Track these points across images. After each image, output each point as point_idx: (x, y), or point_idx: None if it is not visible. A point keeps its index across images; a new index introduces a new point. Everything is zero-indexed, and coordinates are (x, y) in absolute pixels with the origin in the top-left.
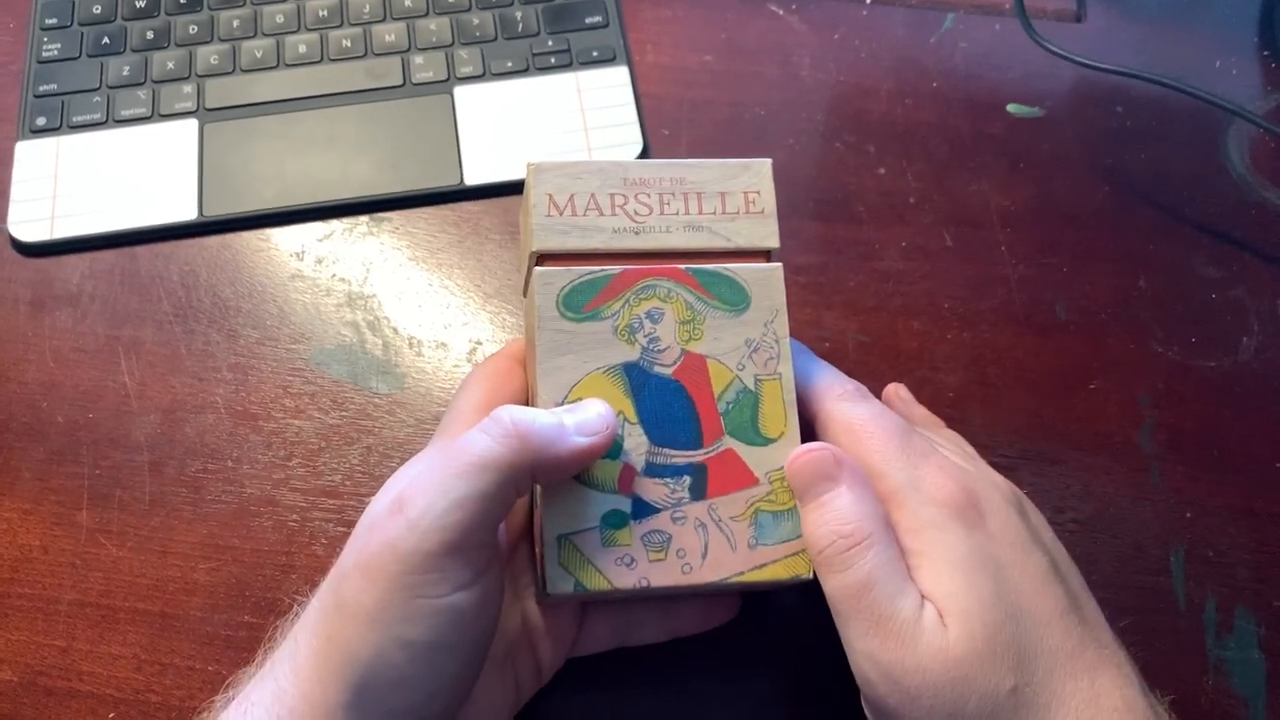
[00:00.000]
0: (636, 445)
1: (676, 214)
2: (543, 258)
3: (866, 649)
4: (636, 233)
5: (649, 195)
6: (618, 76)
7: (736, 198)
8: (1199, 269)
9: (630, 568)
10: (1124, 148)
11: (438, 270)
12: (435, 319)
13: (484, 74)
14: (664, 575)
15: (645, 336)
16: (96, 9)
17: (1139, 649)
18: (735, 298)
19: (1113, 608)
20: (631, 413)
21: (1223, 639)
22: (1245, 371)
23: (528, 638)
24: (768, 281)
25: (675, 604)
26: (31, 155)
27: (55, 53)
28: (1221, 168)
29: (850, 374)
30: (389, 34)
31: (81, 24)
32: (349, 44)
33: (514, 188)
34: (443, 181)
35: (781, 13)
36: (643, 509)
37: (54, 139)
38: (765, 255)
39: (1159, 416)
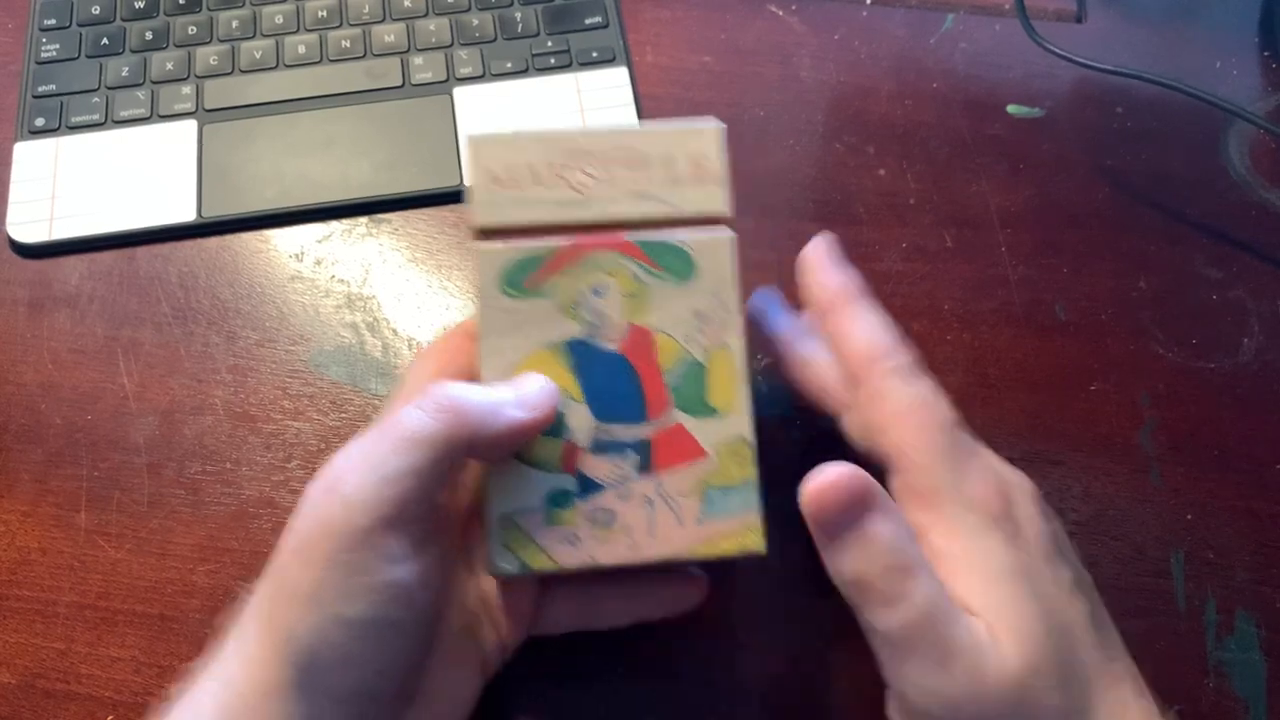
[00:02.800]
0: (581, 423)
1: (622, 182)
2: (485, 233)
3: (932, 685)
4: (581, 203)
5: (593, 164)
6: (617, 77)
7: (685, 163)
8: (1199, 269)
9: (575, 546)
10: (1124, 148)
11: (437, 271)
12: (435, 320)
13: (483, 75)
14: (610, 553)
15: (589, 312)
16: (95, 10)
17: (1139, 651)
18: (682, 268)
19: (1113, 610)
20: (576, 390)
21: (1223, 640)
22: (1245, 372)
23: (487, 613)
24: (716, 250)
25: (638, 588)
26: (30, 156)
27: (54, 53)
28: (1222, 168)
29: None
30: (388, 35)
31: (80, 25)
32: (348, 45)
33: None
34: (442, 183)
35: (781, 13)
36: (588, 486)
37: (53, 140)
38: (717, 222)
39: (1159, 417)
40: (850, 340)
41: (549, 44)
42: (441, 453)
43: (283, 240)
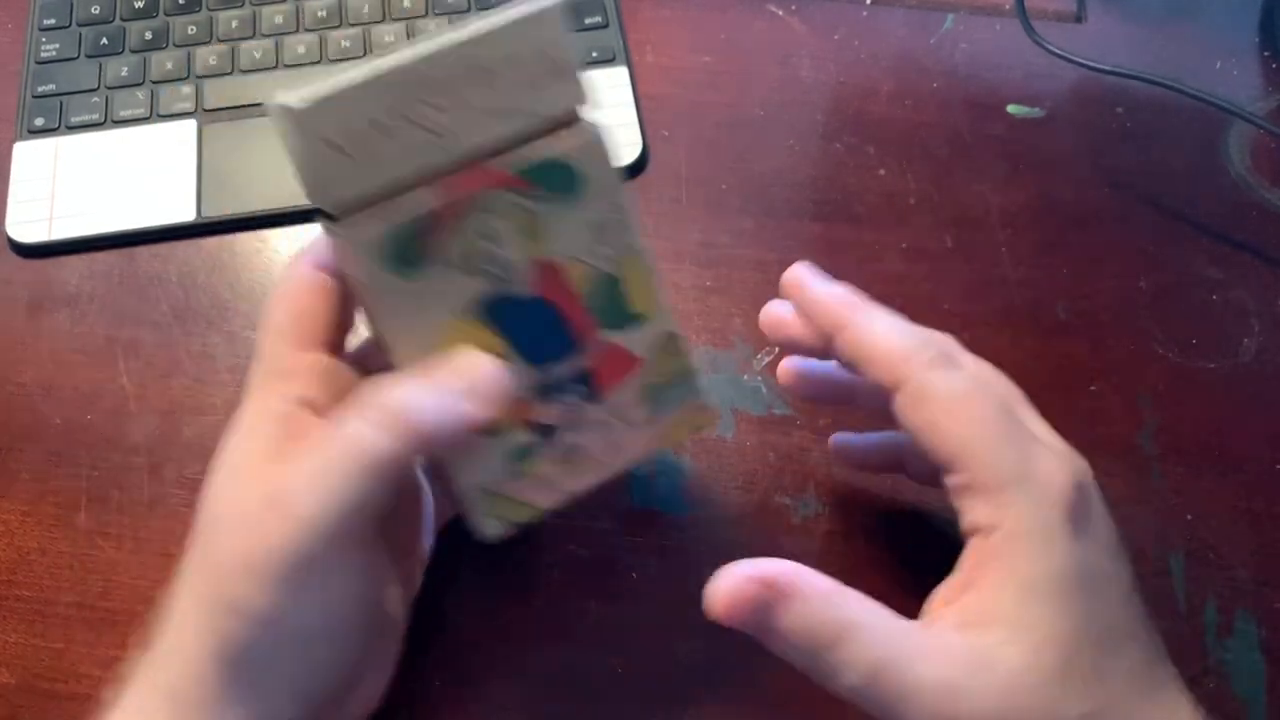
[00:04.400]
0: (520, 376)
1: (475, 104)
2: (342, 212)
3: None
4: (440, 144)
5: (438, 93)
6: (617, 77)
7: (531, 61)
8: (1199, 269)
9: (551, 487)
10: (1124, 148)
11: None
12: None
13: None
14: (583, 480)
15: (489, 263)
16: (95, 9)
17: None
18: (568, 183)
19: None
20: (505, 346)
21: (1223, 641)
22: (1246, 372)
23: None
24: (595, 152)
25: None
26: (30, 156)
27: (54, 53)
28: (1221, 168)
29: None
30: (388, 35)
31: (80, 24)
32: (348, 45)
33: None
34: None
35: (781, 13)
36: (546, 433)
37: (52, 140)
38: (579, 115)
39: (1159, 418)
40: (874, 345)
41: None
42: (398, 471)
43: (282, 240)
